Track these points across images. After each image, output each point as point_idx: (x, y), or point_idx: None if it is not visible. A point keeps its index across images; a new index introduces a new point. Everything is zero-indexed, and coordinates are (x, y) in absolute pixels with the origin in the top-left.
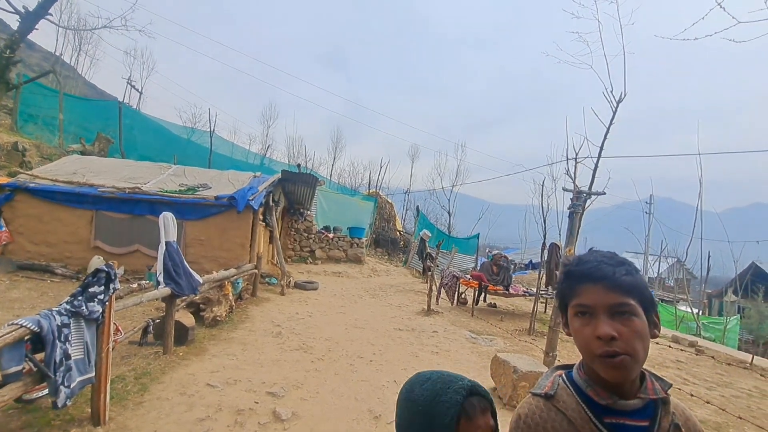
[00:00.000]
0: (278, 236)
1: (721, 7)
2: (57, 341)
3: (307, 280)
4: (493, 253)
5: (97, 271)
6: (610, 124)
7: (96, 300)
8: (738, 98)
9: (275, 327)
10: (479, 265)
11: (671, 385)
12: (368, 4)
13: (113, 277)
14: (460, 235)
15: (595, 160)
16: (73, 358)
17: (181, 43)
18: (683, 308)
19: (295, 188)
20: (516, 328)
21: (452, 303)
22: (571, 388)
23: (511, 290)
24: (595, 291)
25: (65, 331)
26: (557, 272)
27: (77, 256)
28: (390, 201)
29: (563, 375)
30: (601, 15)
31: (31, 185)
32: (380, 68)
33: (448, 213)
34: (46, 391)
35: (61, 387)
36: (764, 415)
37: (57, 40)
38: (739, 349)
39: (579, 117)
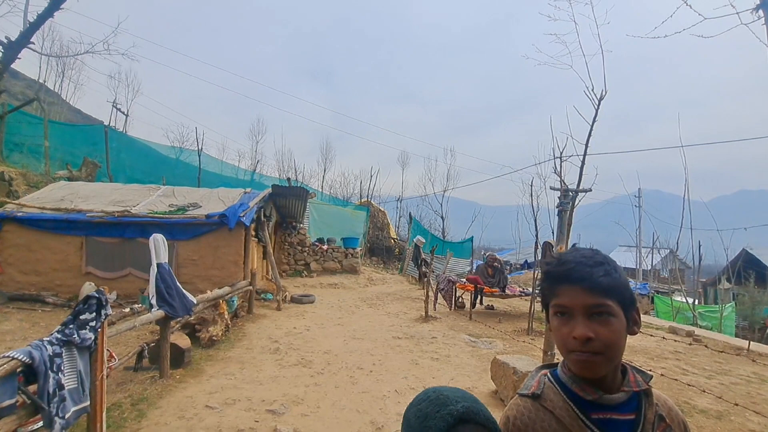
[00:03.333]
0: (272, 251)
1: (687, 4)
2: (49, 372)
3: (303, 293)
4: (487, 255)
5: (88, 297)
6: (593, 121)
7: (88, 327)
8: (717, 88)
9: (273, 343)
10: (474, 268)
11: (652, 377)
12: (351, 18)
13: (104, 303)
14: (455, 238)
15: (581, 157)
16: (66, 388)
17: (166, 64)
18: (679, 298)
19: (286, 202)
20: (514, 328)
21: (450, 308)
22: (557, 386)
23: (507, 291)
24: (573, 292)
25: (57, 360)
26: None
27: (68, 283)
28: (382, 209)
29: (548, 374)
30: (577, 16)
31: (19, 214)
32: (366, 79)
33: (441, 217)
34: (40, 424)
35: (56, 418)
36: (765, 400)
37: (40, 68)
38: (736, 335)
39: (563, 116)
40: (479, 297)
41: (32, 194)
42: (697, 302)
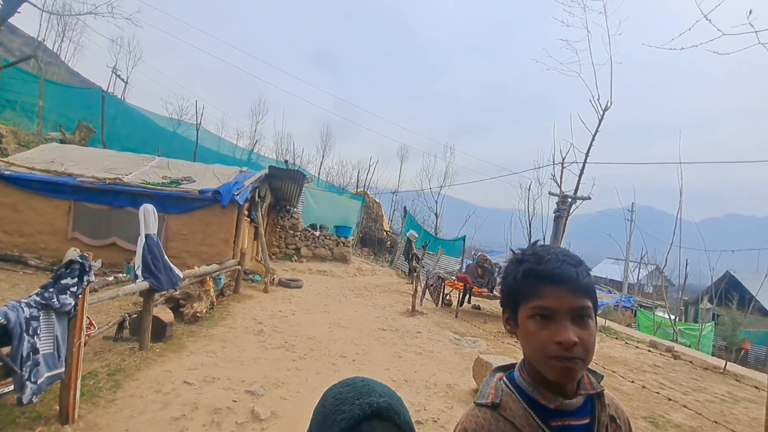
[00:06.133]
0: (263, 233)
1: (707, 19)
2: (24, 334)
3: (291, 277)
4: (478, 255)
5: (71, 262)
6: (596, 131)
7: (68, 292)
8: (716, 112)
9: (257, 325)
10: (465, 267)
11: (603, 377)
12: (359, 10)
13: (87, 269)
14: (447, 237)
15: (580, 165)
16: (41, 352)
17: (170, 33)
18: (661, 314)
19: (282, 185)
20: (499, 330)
21: (436, 304)
22: (515, 393)
23: (495, 292)
24: (559, 293)
25: (34, 324)
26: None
27: (52, 247)
28: (378, 201)
29: (504, 379)
30: (590, 25)
31: (7, 173)
32: (370, 71)
33: (436, 215)
34: (11, 387)
35: (28, 383)
36: (736, 420)
37: (40, 25)
38: (713, 354)
39: (566, 124)
40: (467, 296)
41: (22, 153)
42: (678, 319)
